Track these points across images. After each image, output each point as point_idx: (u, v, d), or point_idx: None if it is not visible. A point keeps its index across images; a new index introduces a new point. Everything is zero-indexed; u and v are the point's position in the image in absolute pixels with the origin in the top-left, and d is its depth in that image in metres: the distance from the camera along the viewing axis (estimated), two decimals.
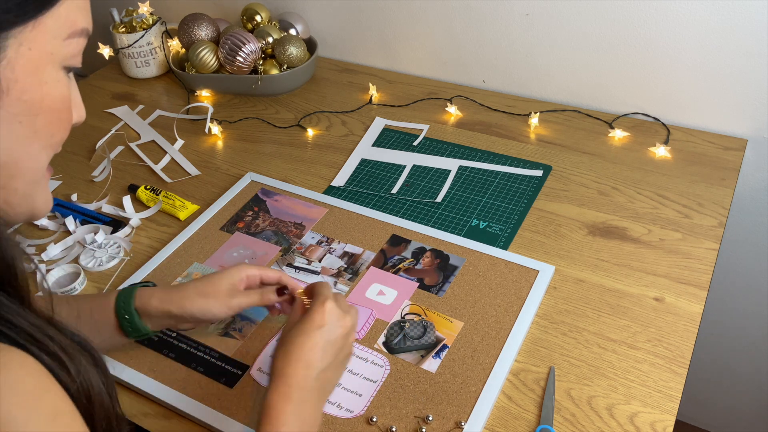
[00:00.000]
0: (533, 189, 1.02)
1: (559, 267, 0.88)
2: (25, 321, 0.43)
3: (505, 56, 1.24)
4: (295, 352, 0.61)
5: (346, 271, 0.89)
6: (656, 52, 1.10)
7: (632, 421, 0.70)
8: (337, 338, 0.64)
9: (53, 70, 0.46)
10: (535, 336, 0.79)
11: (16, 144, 0.45)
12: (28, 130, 0.45)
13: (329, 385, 0.64)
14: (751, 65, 1.04)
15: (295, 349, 0.61)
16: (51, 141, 0.47)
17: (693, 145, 1.09)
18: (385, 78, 1.34)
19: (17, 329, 0.42)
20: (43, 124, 0.46)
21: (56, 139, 0.48)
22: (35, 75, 0.44)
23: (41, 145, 0.47)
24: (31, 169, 0.47)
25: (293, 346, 0.62)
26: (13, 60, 0.43)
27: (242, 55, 1.25)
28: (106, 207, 1.04)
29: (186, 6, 1.47)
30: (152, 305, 0.71)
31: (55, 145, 0.48)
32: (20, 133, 0.45)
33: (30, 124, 0.45)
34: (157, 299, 0.71)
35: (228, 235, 0.96)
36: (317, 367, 0.61)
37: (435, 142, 1.15)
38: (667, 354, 0.76)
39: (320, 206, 1.00)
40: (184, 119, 1.27)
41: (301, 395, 0.60)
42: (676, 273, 0.86)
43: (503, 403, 0.72)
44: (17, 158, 0.45)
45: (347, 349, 0.66)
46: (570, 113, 1.19)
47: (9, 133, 0.44)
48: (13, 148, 0.45)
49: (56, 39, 0.45)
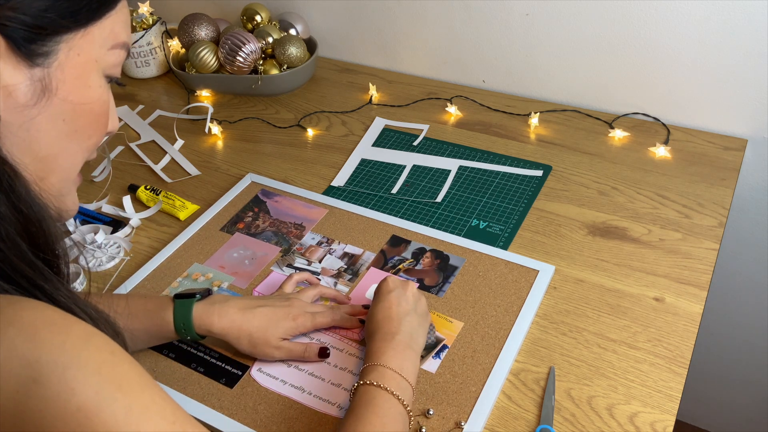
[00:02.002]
0: (533, 189, 1.02)
1: (559, 267, 0.88)
2: (62, 290, 0.47)
3: (505, 56, 1.24)
4: (379, 314, 0.73)
5: (346, 271, 0.89)
6: (656, 52, 1.10)
7: (632, 421, 0.70)
8: (408, 295, 0.75)
9: (97, 77, 0.50)
10: (535, 336, 0.79)
11: (58, 140, 0.49)
12: (70, 128, 0.49)
13: (416, 333, 0.72)
14: (751, 65, 1.04)
15: (377, 313, 0.73)
16: (88, 143, 0.51)
17: (693, 145, 1.09)
18: (385, 78, 1.34)
19: (53, 297, 0.46)
20: (83, 125, 0.50)
21: (92, 141, 0.52)
22: (81, 79, 0.49)
23: (79, 146, 0.51)
24: (67, 167, 0.51)
25: (375, 312, 0.74)
26: (63, 62, 0.47)
27: (242, 55, 1.25)
28: (106, 207, 1.04)
29: (186, 6, 1.47)
30: (209, 330, 0.74)
31: (91, 148, 0.52)
32: (63, 130, 0.49)
33: (72, 122, 0.49)
34: (216, 330, 0.74)
35: (228, 236, 0.96)
36: (400, 315, 0.72)
37: (435, 142, 1.15)
38: (667, 354, 0.76)
39: (320, 207, 1.00)
40: (184, 119, 1.27)
41: (396, 339, 0.70)
42: (676, 273, 0.86)
43: (503, 403, 0.72)
44: (57, 154, 0.49)
45: (423, 305, 0.76)
46: (570, 113, 1.19)
47: (53, 130, 0.48)
48: (55, 144, 0.49)
49: (101, 48, 0.50)
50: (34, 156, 0.48)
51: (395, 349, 0.69)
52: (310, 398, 0.73)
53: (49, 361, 0.40)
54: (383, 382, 0.65)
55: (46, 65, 0.46)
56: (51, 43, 0.46)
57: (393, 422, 0.63)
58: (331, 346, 0.78)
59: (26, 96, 0.46)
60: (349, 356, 0.77)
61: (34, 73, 0.46)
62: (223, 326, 0.73)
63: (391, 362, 0.67)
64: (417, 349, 0.71)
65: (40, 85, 0.46)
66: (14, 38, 0.44)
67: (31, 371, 0.39)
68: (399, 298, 0.74)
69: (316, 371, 0.76)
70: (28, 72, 0.45)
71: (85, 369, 0.41)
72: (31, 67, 0.45)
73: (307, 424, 0.71)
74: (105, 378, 0.41)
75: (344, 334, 0.80)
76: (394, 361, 0.67)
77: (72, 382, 0.40)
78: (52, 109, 0.47)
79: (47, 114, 0.47)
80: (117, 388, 0.41)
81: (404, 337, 0.70)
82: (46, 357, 0.40)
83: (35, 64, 0.45)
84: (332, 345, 0.78)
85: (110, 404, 0.41)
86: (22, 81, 0.45)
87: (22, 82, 0.45)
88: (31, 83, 0.46)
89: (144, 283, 0.89)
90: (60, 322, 0.42)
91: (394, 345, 0.69)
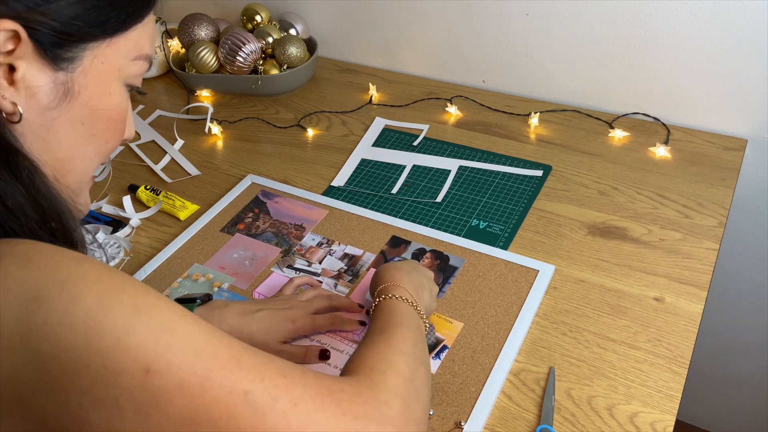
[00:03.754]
0: (533, 189, 1.02)
1: (559, 267, 0.88)
2: None
3: (505, 56, 1.24)
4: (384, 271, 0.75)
5: (347, 272, 0.89)
6: (656, 52, 1.10)
7: (632, 421, 0.70)
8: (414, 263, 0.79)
9: (118, 85, 0.52)
10: (535, 336, 0.79)
11: (76, 143, 0.51)
12: (88, 132, 0.51)
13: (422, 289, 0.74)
14: (751, 65, 1.04)
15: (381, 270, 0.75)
16: (105, 147, 0.53)
17: (693, 145, 1.09)
18: (385, 78, 1.34)
19: None
20: (101, 130, 0.52)
21: (109, 146, 0.53)
22: (103, 86, 0.50)
23: (96, 149, 0.52)
24: (83, 169, 0.53)
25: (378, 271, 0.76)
26: (87, 69, 0.49)
27: (242, 55, 1.25)
28: (106, 207, 1.04)
29: (186, 6, 1.47)
30: None
31: (107, 153, 0.54)
32: (81, 133, 0.50)
33: (91, 126, 0.51)
34: None
35: (228, 237, 0.96)
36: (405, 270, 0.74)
37: (435, 142, 1.15)
38: (667, 354, 0.76)
39: (320, 208, 1.00)
40: (184, 119, 1.27)
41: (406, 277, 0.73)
42: (676, 273, 0.86)
43: (503, 403, 0.72)
44: (74, 156, 0.51)
45: (429, 273, 0.79)
46: (570, 113, 1.19)
47: (72, 132, 0.50)
48: (73, 147, 0.51)
49: (125, 58, 0.51)
50: (52, 155, 0.49)
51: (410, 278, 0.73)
52: None
53: (48, 280, 0.40)
54: (398, 293, 0.69)
55: (70, 70, 0.48)
56: (77, 49, 0.48)
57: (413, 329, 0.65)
58: (331, 347, 0.78)
59: (49, 98, 0.47)
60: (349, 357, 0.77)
61: (58, 76, 0.47)
62: None
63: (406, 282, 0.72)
64: (424, 295, 0.75)
65: (63, 89, 0.48)
66: (42, 42, 0.46)
67: (31, 292, 0.39)
68: (403, 262, 0.78)
69: None
70: (52, 75, 0.47)
71: (84, 279, 0.41)
72: (56, 71, 0.47)
73: None
74: (106, 284, 0.41)
75: (344, 335, 0.80)
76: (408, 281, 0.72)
77: (73, 290, 0.40)
78: (72, 113, 0.49)
79: (67, 117, 0.49)
80: (120, 290, 0.41)
81: (411, 279, 0.74)
82: (44, 277, 0.40)
83: (60, 68, 0.47)
84: (332, 346, 0.78)
85: (116, 305, 0.40)
86: (45, 83, 0.47)
87: (45, 84, 0.47)
88: (54, 86, 0.47)
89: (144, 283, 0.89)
90: (53, 250, 0.43)
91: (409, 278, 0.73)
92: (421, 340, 0.64)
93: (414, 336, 0.63)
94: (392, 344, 0.59)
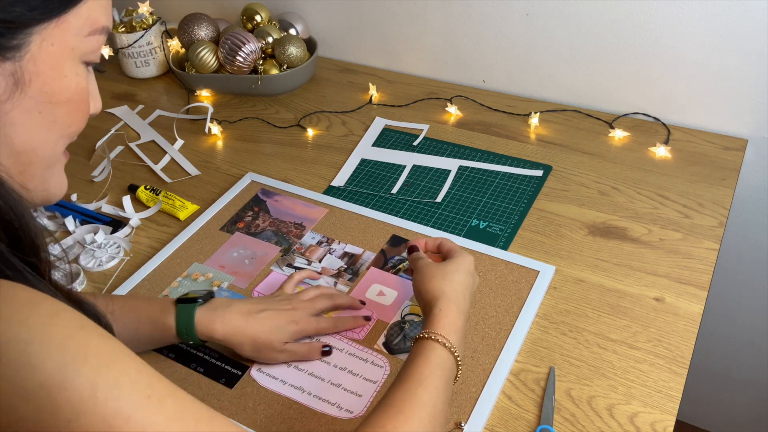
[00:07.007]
0: (533, 189, 1.02)
1: (559, 267, 0.88)
2: (46, 289, 0.44)
3: (505, 56, 1.24)
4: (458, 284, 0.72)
5: (347, 271, 0.89)
6: (656, 52, 1.10)
7: (632, 421, 0.70)
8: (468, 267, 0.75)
9: (73, 65, 0.48)
10: (535, 336, 0.79)
11: (35, 133, 0.47)
12: (48, 120, 0.47)
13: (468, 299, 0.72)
14: (752, 65, 1.04)
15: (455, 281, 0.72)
16: (68, 131, 0.50)
17: (693, 145, 1.09)
18: (385, 78, 1.34)
19: None
20: (62, 115, 0.48)
21: (73, 129, 0.50)
22: (56, 69, 0.46)
23: (59, 135, 0.49)
24: (47, 156, 0.49)
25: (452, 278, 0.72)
26: (36, 54, 0.45)
27: (242, 55, 1.25)
28: (106, 207, 1.04)
29: (186, 6, 1.47)
30: (211, 336, 0.74)
31: (72, 135, 0.50)
32: (40, 122, 0.47)
33: (49, 114, 0.47)
34: (219, 336, 0.74)
35: (228, 236, 0.96)
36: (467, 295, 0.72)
37: (435, 142, 1.15)
38: (667, 354, 0.76)
39: (320, 206, 1.00)
40: (184, 119, 1.27)
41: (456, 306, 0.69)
42: (676, 273, 0.86)
43: (503, 403, 0.72)
44: (35, 146, 0.48)
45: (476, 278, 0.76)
46: (570, 113, 1.19)
47: (29, 123, 0.46)
48: (32, 137, 0.47)
49: (78, 36, 0.47)
50: (10, 151, 0.46)
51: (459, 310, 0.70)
52: (310, 398, 0.73)
53: (10, 338, 0.38)
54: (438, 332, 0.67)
55: (17, 59, 0.44)
56: (21, 35, 0.44)
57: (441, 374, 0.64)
58: (332, 345, 0.78)
59: None
60: (349, 356, 0.77)
61: (5, 67, 0.44)
62: (226, 332, 0.73)
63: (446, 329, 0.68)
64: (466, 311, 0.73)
65: (12, 80, 0.44)
66: None
67: None
68: (473, 279, 0.75)
69: (316, 371, 0.76)
70: None
71: (48, 344, 0.38)
72: (2, 62, 0.43)
73: (307, 424, 0.71)
74: (70, 352, 0.39)
75: (345, 334, 0.80)
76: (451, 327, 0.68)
77: (33, 357, 0.38)
78: (26, 103, 0.45)
79: (22, 108, 0.45)
80: (83, 362, 0.39)
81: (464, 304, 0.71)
82: (7, 334, 0.38)
83: (5, 58, 0.43)
84: (333, 345, 0.79)
85: (74, 379, 0.38)
86: None
87: None
88: (2, 78, 0.44)
89: (144, 283, 0.89)
90: (26, 297, 0.40)
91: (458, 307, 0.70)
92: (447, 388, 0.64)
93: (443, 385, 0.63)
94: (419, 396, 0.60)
